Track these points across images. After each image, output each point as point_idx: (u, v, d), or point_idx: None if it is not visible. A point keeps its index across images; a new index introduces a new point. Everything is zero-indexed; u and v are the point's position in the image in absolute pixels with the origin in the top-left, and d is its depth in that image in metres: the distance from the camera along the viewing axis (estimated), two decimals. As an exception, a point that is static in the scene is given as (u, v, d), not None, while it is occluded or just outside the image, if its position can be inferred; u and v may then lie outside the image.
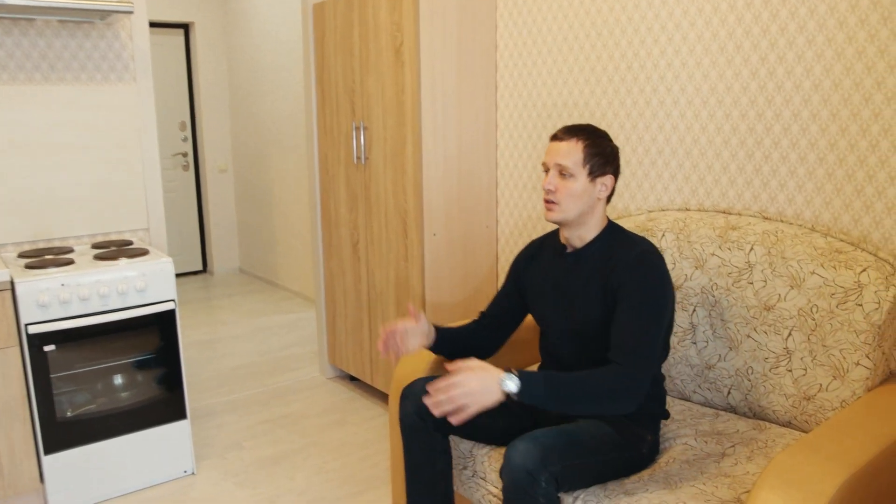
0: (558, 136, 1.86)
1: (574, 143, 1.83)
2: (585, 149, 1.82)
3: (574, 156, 1.82)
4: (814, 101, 2.05)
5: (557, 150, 1.84)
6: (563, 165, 1.82)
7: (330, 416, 3.34)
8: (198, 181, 6.21)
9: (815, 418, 1.93)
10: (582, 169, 1.82)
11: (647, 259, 1.78)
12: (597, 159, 1.83)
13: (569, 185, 1.83)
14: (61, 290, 2.42)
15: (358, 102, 3.19)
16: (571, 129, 1.85)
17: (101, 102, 2.91)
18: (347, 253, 3.45)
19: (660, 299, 1.74)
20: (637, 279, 1.75)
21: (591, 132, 1.85)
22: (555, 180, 1.84)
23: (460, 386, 1.58)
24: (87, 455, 2.56)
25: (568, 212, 1.85)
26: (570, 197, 1.83)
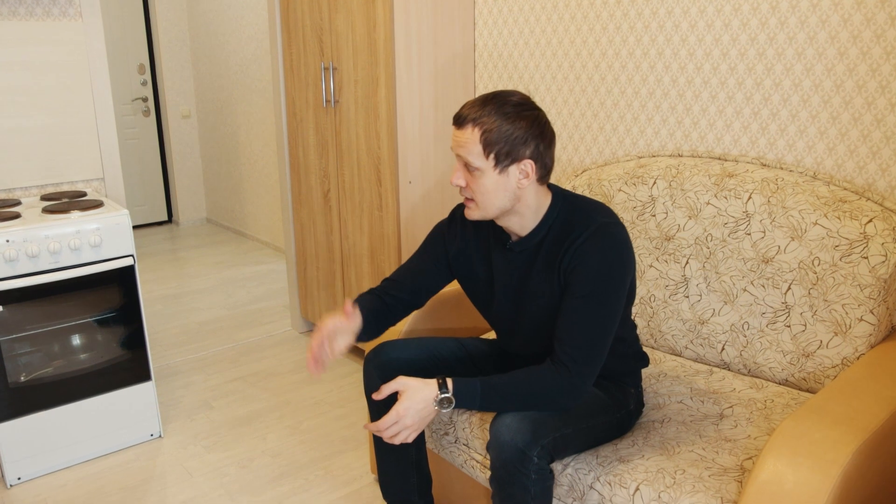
0: (456, 118, 1.55)
1: (470, 132, 1.52)
2: (483, 137, 1.50)
3: (472, 147, 1.52)
4: (820, 39, 1.91)
5: (457, 140, 1.55)
6: (464, 159, 1.54)
7: (303, 372, 3.21)
8: (160, 127, 5.92)
9: (813, 376, 1.84)
10: (486, 161, 1.52)
11: (602, 238, 1.53)
12: (499, 147, 1.51)
13: (478, 181, 1.54)
14: (6, 246, 2.23)
15: (326, 41, 2.98)
16: (471, 110, 1.52)
17: (44, 39, 2.66)
18: (318, 202, 3.27)
19: (615, 287, 1.52)
20: (589, 264, 1.52)
21: (496, 109, 1.51)
22: (462, 175, 1.57)
23: (404, 416, 1.55)
24: (46, 421, 2.41)
25: (488, 209, 1.57)
26: (484, 194, 1.55)
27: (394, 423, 1.55)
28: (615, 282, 1.53)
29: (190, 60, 5.85)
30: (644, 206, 2.17)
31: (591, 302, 1.52)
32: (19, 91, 2.64)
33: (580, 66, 2.52)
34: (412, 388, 1.56)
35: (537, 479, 1.48)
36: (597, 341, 1.52)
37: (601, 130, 2.50)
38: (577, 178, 2.40)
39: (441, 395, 1.54)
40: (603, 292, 1.52)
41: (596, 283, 1.52)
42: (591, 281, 1.52)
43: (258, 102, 5.07)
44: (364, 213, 2.98)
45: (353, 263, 3.12)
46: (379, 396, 1.61)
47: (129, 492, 2.34)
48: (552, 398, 1.52)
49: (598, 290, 1.52)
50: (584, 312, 1.52)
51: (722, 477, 1.50)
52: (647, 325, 2.17)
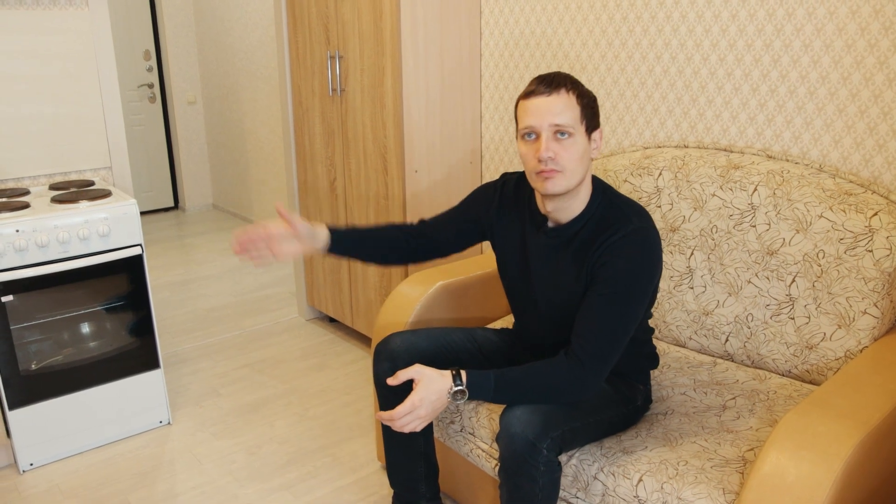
0: (541, 90, 1.53)
1: (566, 96, 1.52)
2: (579, 100, 1.53)
3: (571, 111, 1.52)
4: (827, 30, 1.90)
5: (548, 108, 1.51)
6: (560, 125, 1.51)
7: (310, 359, 3.24)
8: (166, 114, 5.93)
9: (817, 368, 1.85)
10: (580, 125, 1.53)
11: (636, 241, 1.54)
12: (590, 111, 1.55)
13: (570, 148, 1.52)
14: (16, 236, 2.25)
15: (333, 30, 2.97)
16: (554, 80, 1.53)
17: (51, 28, 2.67)
18: (324, 190, 3.29)
19: (640, 291, 1.53)
20: (618, 264, 1.53)
21: (573, 81, 1.55)
22: (553, 145, 1.52)
23: (419, 407, 1.56)
24: (56, 408, 2.44)
25: (573, 178, 1.54)
26: (573, 161, 1.52)
27: (408, 413, 1.56)
28: (641, 285, 1.54)
29: (195, 47, 5.84)
30: (650, 197, 2.18)
31: (614, 302, 1.53)
32: (26, 80, 2.65)
33: (586, 56, 2.52)
34: (428, 378, 1.57)
35: (546, 470, 1.50)
36: (614, 341, 1.53)
37: (607, 120, 2.50)
38: (582, 168, 2.40)
39: (455, 388, 1.56)
40: (627, 294, 1.53)
41: (622, 283, 1.53)
42: (618, 281, 1.53)
43: (264, 89, 5.07)
44: (370, 202, 2.99)
45: (359, 252, 3.13)
46: (394, 382, 1.62)
47: (140, 478, 2.38)
48: (563, 391, 1.54)
49: (622, 292, 1.53)
50: (606, 311, 1.53)
51: (724, 468, 1.51)
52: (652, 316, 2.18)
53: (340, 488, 2.31)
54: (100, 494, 2.30)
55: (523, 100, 1.57)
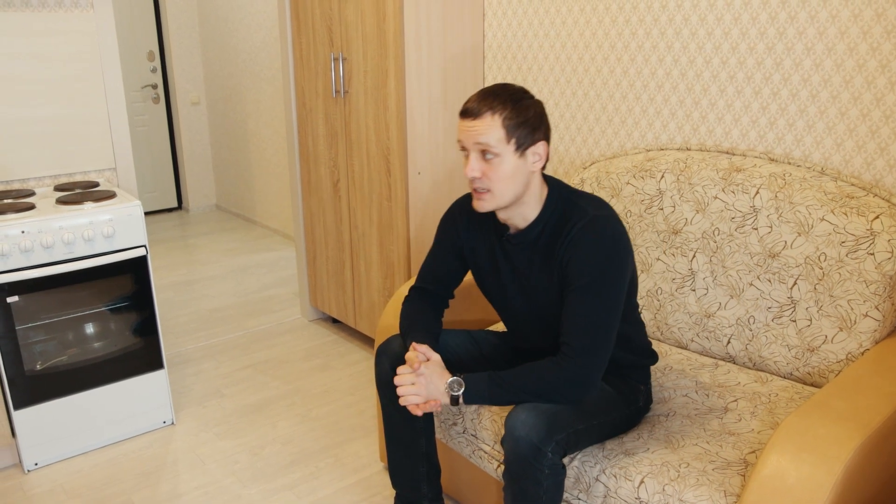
0: (469, 110, 1.56)
1: (490, 119, 1.54)
2: (504, 122, 1.54)
3: (493, 133, 1.54)
4: (829, 34, 1.91)
5: (473, 129, 1.55)
6: (483, 145, 1.55)
7: (313, 360, 3.25)
8: (169, 114, 5.95)
9: (818, 371, 1.86)
10: (507, 145, 1.55)
11: (596, 230, 1.56)
12: (522, 130, 1.55)
13: (496, 168, 1.56)
14: (22, 237, 2.26)
15: (336, 31, 2.98)
16: (483, 101, 1.55)
17: (56, 30, 2.68)
18: (328, 192, 3.30)
19: (612, 277, 1.55)
20: (587, 254, 1.55)
21: (508, 97, 1.56)
22: (478, 164, 1.57)
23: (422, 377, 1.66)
24: (61, 409, 2.45)
25: (502, 197, 1.59)
26: (502, 181, 1.56)
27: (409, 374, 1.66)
28: (612, 272, 1.55)
29: (199, 47, 5.86)
30: (652, 200, 2.18)
31: (589, 293, 1.55)
32: (32, 82, 2.67)
33: (589, 59, 2.52)
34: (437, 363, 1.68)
35: (550, 473, 1.51)
36: (600, 331, 1.55)
37: (609, 123, 2.51)
38: (585, 170, 2.41)
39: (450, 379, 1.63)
40: (600, 283, 1.55)
41: (592, 274, 1.55)
42: (587, 272, 1.55)
43: (267, 90, 5.08)
44: (373, 203, 3.00)
45: (362, 253, 3.14)
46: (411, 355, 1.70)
47: (143, 478, 2.39)
48: (560, 391, 1.55)
49: (595, 281, 1.55)
50: (584, 304, 1.55)
51: (725, 471, 1.52)
52: (654, 318, 2.19)
53: (343, 489, 2.32)
54: (103, 494, 2.31)
55: (459, 116, 1.61)
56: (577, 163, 2.67)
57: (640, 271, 2.22)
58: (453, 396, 1.61)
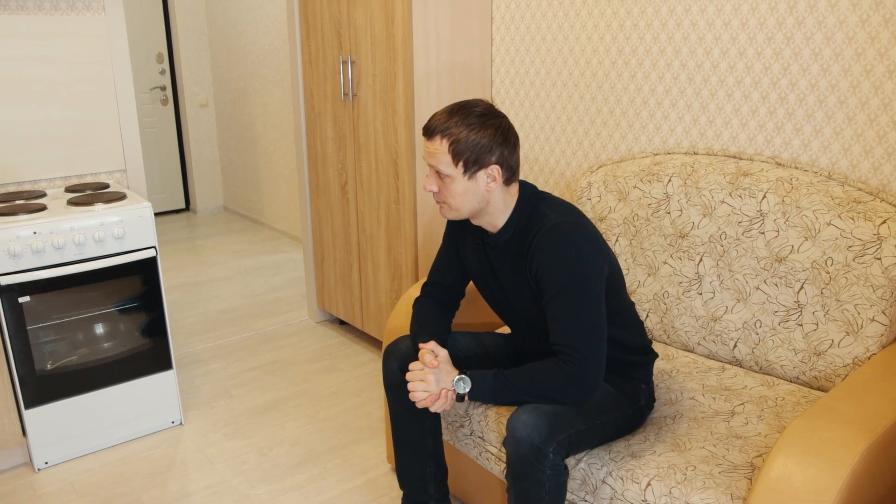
0: (425, 129, 1.65)
1: (439, 143, 1.61)
2: (451, 147, 1.60)
3: (441, 156, 1.62)
4: (837, 39, 1.91)
5: (427, 150, 1.65)
6: (435, 167, 1.64)
7: (320, 362, 3.27)
8: (178, 116, 5.98)
9: (825, 375, 1.87)
10: (455, 168, 1.62)
11: (556, 236, 1.60)
12: (467, 155, 1.60)
13: (449, 187, 1.64)
14: (34, 238, 2.29)
15: (345, 35, 3.00)
16: (439, 123, 1.62)
17: (68, 33, 2.71)
18: (336, 194, 3.32)
19: (582, 279, 1.57)
20: (553, 260, 1.59)
21: (459, 121, 1.60)
22: (433, 180, 1.67)
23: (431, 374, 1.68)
24: (71, 408, 2.47)
25: (460, 210, 1.67)
26: (455, 198, 1.65)
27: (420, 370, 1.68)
28: (580, 273, 1.57)
29: (208, 50, 5.89)
30: (659, 204, 2.19)
31: (566, 296, 1.57)
32: (44, 84, 2.69)
33: (597, 63, 2.54)
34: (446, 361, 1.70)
35: (552, 474, 1.52)
36: (588, 332, 1.56)
37: (617, 127, 2.52)
38: (592, 174, 2.42)
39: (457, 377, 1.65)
40: (571, 286, 1.57)
41: (562, 278, 1.58)
42: (557, 278, 1.58)
43: (275, 92, 5.10)
44: (381, 206, 3.01)
45: (369, 255, 3.16)
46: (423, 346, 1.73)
47: (152, 477, 2.41)
48: (563, 392, 1.56)
49: (566, 285, 1.57)
50: (564, 310, 1.58)
51: (732, 474, 1.53)
52: (661, 321, 2.20)
53: (351, 489, 2.33)
54: (113, 493, 2.33)
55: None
56: (585, 166, 2.68)
57: (647, 274, 2.23)
58: (459, 395, 1.65)
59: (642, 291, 2.24)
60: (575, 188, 2.45)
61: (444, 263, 1.95)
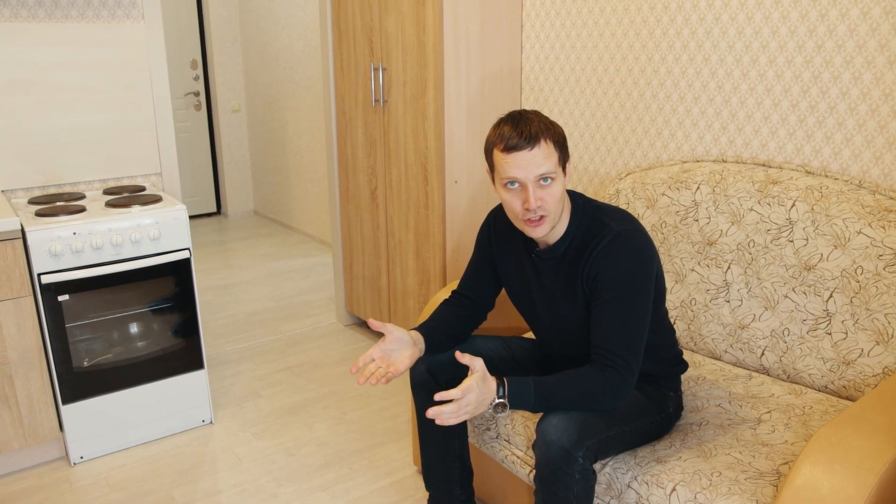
0: (522, 144, 1.56)
1: (545, 145, 1.56)
2: (556, 145, 1.59)
3: (552, 159, 1.57)
4: (869, 47, 1.91)
5: (532, 161, 1.56)
6: (546, 173, 1.57)
7: (347, 364, 3.30)
8: (210, 121, 6.09)
9: (854, 384, 1.86)
10: (559, 167, 1.60)
11: (621, 245, 1.60)
12: (564, 150, 1.62)
13: (553, 191, 1.59)
14: (73, 238, 2.36)
15: (377, 42, 3.05)
16: (528, 129, 1.56)
17: (109, 40, 2.79)
18: (365, 199, 3.36)
19: (639, 288, 1.58)
20: (614, 267, 1.59)
21: (539, 121, 1.59)
22: (539, 193, 1.58)
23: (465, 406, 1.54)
24: (106, 405, 2.54)
25: (556, 217, 1.63)
26: (556, 202, 1.60)
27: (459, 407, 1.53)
28: (638, 283, 1.59)
29: (240, 56, 5.99)
30: (687, 211, 2.20)
31: (618, 305, 1.58)
32: (85, 90, 2.77)
33: (626, 70, 2.55)
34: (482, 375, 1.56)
35: (581, 478, 1.53)
36: (632, 341, 1.58)
37: (646, 134, 2.53)
38: (621, 181, 2.43)
39: (497, 401, 1.58)
40: (628, 294, 1.58)
41: (620, 286, 1.58)
42: (615, 286, 1.59)
43: (306, 98, 5.18)
44: (410, 211, 3.05)
45: (398, 259, 3.19)
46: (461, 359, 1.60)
47: (183, 474, 2.46)
48: (599, 399, 1.57)
49: (623, 293, 1.58)
50: (614, 315, 1.58)
51: (758, 481, 1.53)
52: (688, 329, 2.20)
53: (377, 490, 2.36)
54: (144, 489, 2.38)
55: (503, 153, 1.58)
56: (613, 173, 2.69)
57: (675, 282, 2.23)
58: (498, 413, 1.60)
59: (670, 299, 2.24)
60: (603, 195, 2.46)
61: (474, 277, 1.95)
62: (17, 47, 2.62)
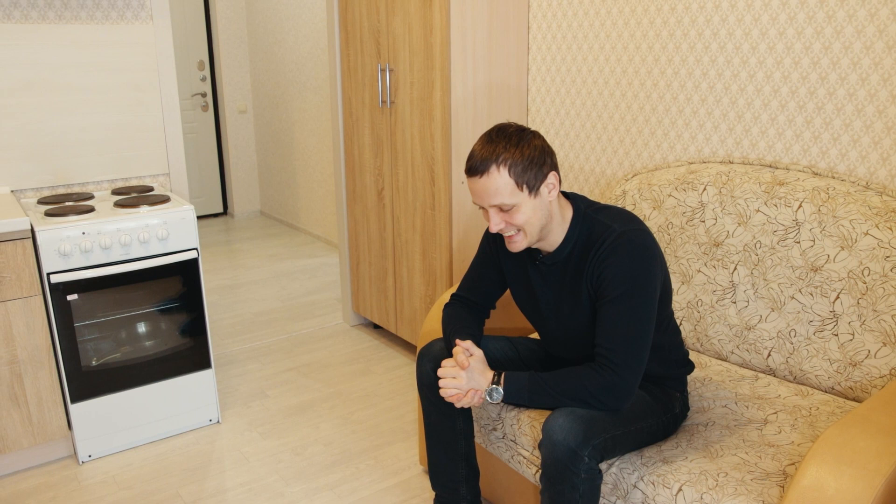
0: (473, 167, 1.57)
1: (497, 174, 1.56)
2: (511, 172, 1.56)
3: (504, 188, 1.56)
4: (876, 48, 1.91)
5: (483, 190, 1.58)
6: (498, 205, 1.59)
7: (354, 364, 3.31)
8: (217, 122, 6.11)
9: (860, 385, 1.85)
10: (520, 193, 1.58)
11: (624, 245, 1.60)
12: (529, 173, 1.58)
13: (515, 215, 1.60)
14: (82, 238, 2.37)
15: (384, 43, 3.06)
16: (486, 153, 1.56)
17: (118, 41, 2.81)
18: (372, 200, 3.37)
19: (642, 287, 1.58)
20: (618, 267, 1.59)
21: (506, 144, 1.57)
22: (498, 218, 1.61)
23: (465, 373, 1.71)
24: (114, 403, 2.55)
25: (532, 234, 1.64)
26: (526, 223, 1.61)
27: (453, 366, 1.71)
28: (642, 282, 1.59)
29: (247, 58, 6.01)
30: (693, 212, 2.20)
31: (622, 305, 1.59)
32: (94, 90, 2.79)
33: (632, 71, 2.55)
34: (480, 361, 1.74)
35: (587, 477, 1.54)
36: (634, 341, 1.58)
37: (652, 135, 2.53)
38: (627, 182, 2.43)
39: (493, 384, 1.68)
40: (633, 294, 1.58)
41: (624, 285, 1.59)
42: (619, 285, 1.59)
43: (312, 100, 5.19)
44: (417, 212, 3.06)
45: (404, 260, 3.20)
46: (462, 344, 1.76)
47: (191, 473, 2.47)
48: (599, 397, 1.58)
49: (627, 293, 1.58)
50: (618, 314, 1.59)
51: (764, 481, 1.53)
52: (694, 329, 2.21)
53: (383, 490, 2.36)
54: (152, 487, 2.40)
55: (466, 174, 1.63)
56: (620, 174, 2.69)
57: (681, 282, 2.23)
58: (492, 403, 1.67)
59: (676, 299, 2.24)
60: (610, 196, 2.47)
61: (475, 280, 1.96)
62: (28, 49, 2.64)
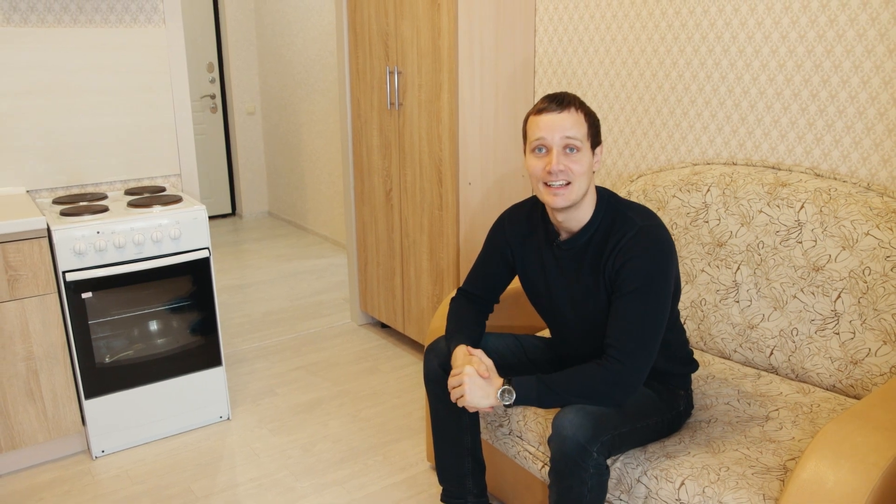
0: (552, 107, 1.64)
1: (576, 114, 1.64)
2: (587, 118, 1.66)
3: (579, 127, 1.64)
4: (878, 52, 1.94)
5: (559, 123, 1.63)
6: (571, 138, 1.63)
7: (362, 363, 3.35)
8: (226, 123, 6.17)
9: (861, 383, 1.88)
10: (587, 141, 1.65)
11: (644, 240, 1.64)
12: (595, 128, 1.68)
13: (578, 161, 1.63)
14: (97, 237, 2.42)
15: (392, 46, 3.10)
16: (564, 99, 1.65)
17: (130, 44, 2.86)
18: (380, 201, 3.41)
19: (657, 283, 1.62)
20: (633, 265, 1.63)
21: (581, 100, 1.68)
22: (562, 159, 1.63)
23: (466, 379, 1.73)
24: (126, 400, 2.60)
25: (579, 191, 1.65)
26: (581, 175, 1.64)
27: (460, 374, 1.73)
28: (659, 279, 1.62)
29: (256, 60, 6.07)
30: (697, 213, 2.23)
31: (637, 300, 1.62)
32: (107, 92, 2.84)
33: (637, 74, 2.59)
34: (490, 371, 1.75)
35: (595, 473, 1.57)
36: (645, 337, 1.61)
37: (657, 137, 2.57)
38: (632, 183, 2.47)
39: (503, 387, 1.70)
40: (648, 290, 1.62)
41: (640, 280, 1.62)
42: (636, 279, 1.63)
43: (321, 102, 5.24)
44: (424, 213, 3.10)
45: (412, 260, 3.24)
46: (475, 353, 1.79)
47: (202, 468, 2.52)
48: (603, 392, 1.62)
49: (643, 289, 1.62)
50: (631, 309, 1.62)
51: (765, 475, 1.57)
52: (698, 328, 2.24)
53: (391, 485, 2.40)
54: (165, 482, 2.44)
55: (534, 116, 1.68)
56: (625, 175, 2.73)
57: (685, 282, 2.26)
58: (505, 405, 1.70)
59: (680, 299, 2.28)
60: (614, 197, 2.50)
61: (480, 274, 1.99)
62: (43, 52, 2.69)
